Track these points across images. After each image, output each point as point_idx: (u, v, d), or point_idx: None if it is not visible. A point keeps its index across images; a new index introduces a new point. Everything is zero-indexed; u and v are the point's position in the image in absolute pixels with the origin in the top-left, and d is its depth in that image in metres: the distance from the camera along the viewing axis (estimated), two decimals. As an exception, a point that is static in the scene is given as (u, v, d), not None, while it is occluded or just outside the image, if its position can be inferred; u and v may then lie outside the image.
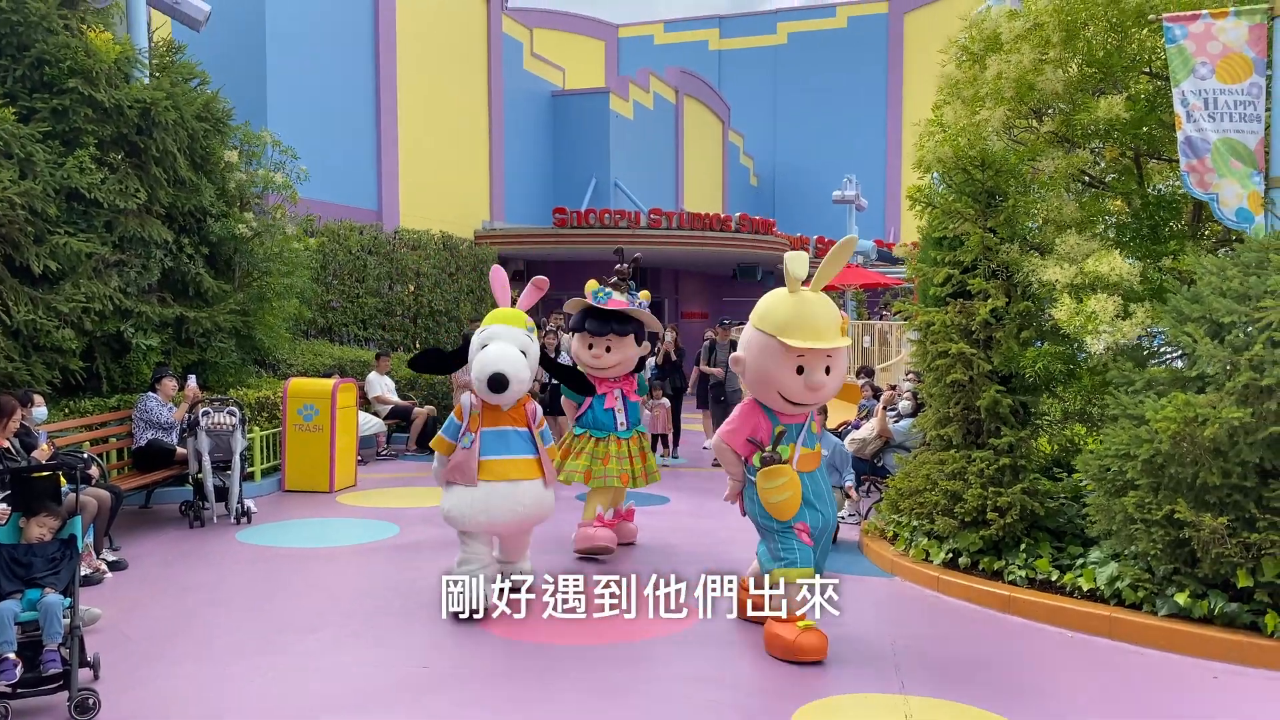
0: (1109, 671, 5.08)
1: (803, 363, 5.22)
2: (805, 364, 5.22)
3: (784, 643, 5.11)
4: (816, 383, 5.24)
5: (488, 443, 5.93)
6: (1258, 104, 6.43)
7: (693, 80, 35.36)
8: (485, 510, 5.88)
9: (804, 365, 5.22)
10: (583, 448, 7.56)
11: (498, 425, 5.99)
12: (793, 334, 5.18)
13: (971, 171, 7.16)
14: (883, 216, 39.35)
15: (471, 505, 5.90)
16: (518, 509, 5.98)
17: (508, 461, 5.97)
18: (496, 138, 25.10)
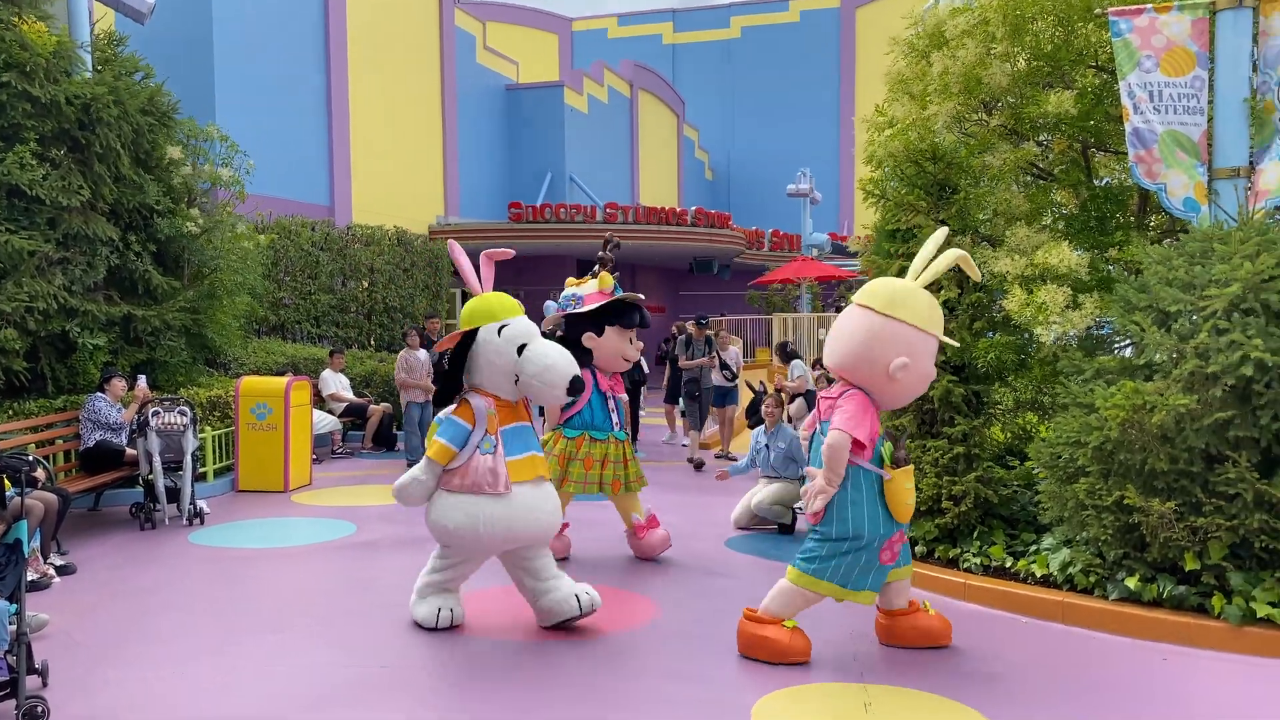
0: (1062, 656, 5.17)
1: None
2: None
3: (774, 646, 4.95)
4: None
5: (508, 443, 5.34)
6: (1200, 97, 6.56)
7: (647, 74, 35.36)
8: (507, 523, 5.19)
9: None
10: (587, 452, 7.06)
11: (514, 422, 5.44)
12: (939, 323, 4.98)
13: (923, 164, 7.23)
14: (836, 210, 39.65)
15: (491, 519, 5.17)
16: (542, 517, 5.33)
17: (526, 460, 5.37)
18: (450, 132, 24.90)
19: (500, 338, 5.33)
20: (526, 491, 5.27)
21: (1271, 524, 5.05)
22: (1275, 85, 6.44)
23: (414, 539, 7.88)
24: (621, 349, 7.23)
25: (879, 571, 4.98)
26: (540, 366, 5.24)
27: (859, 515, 4.87)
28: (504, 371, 5.30)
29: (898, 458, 4.97)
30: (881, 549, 4.93)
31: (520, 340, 5.31)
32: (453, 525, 5.23)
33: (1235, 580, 5.17)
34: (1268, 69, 6.47)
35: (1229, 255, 5.50)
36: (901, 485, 4.88)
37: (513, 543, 5.30)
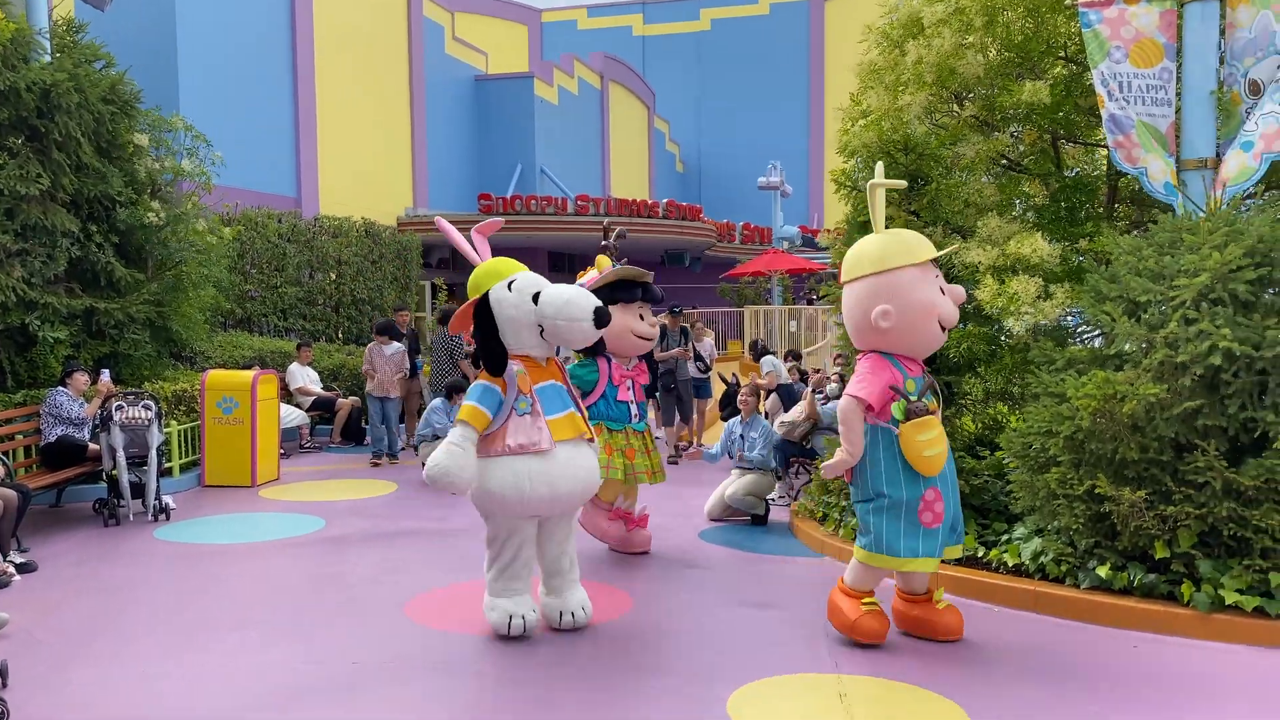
0: (1034, 644, 5.19)
1: (940, 282, 4.98)
2: (940, 281, 4.99)
3: (844, 619, 5.03)
4: (958, 293, 5.01)
5: (545, 401, 5.15)
6: (1168, 88, 6.60)
7: (617, 66, 35.25)
8: (549, 480, 4.99)
9: (941, 283, 4.98)
10: (606, 441, 6.79)
11: (547, 380, 5.25)
12: (921, 251, 4.93)
13: (895, 155, 7.24)
14: (806, 203, 39.77)
15: (533, 476, 4.97)
16: (580, 474, 5.15)
17: (565, 419, 5.19)
18: (419, 123, 24.70)
19: (512, 291, 5.14)
20: (567, 449, 5.10)
21: (1239, 512, 5.10)
22: (1242, 77, 6.49)
23: (383, 534, 7.80)
24: (629, 325, 6.85)
25: (928, 536, 4.87)
26: (560, 303, 5.03)
27: (878, 475, 4.90)
28: (526, 325, 5.10)
29: (911, 409, 4.82)
30: (920, 509, 4.86)
31: (533, 289, 5.12)
32: (495, 486, 4.97)
33: (1204, 568, 5.22)
34: (1234, 61, 6.52)
35: (1198, 246, 5.54)
36: (912, 438, 4.79)
37: (556, 504, 5.10)
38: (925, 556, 4.89)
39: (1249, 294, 5.35)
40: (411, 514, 8.62)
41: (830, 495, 7.46)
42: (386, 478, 10.49)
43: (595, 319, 5.02)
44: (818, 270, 26.10)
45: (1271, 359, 5.14)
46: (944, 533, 4.95)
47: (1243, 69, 6.46)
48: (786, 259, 25.78)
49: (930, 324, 4.92)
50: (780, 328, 19.89)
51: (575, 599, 5.39)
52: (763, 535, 7.81)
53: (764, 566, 6.84)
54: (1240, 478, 5.10)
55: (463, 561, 6.89)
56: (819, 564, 6.94)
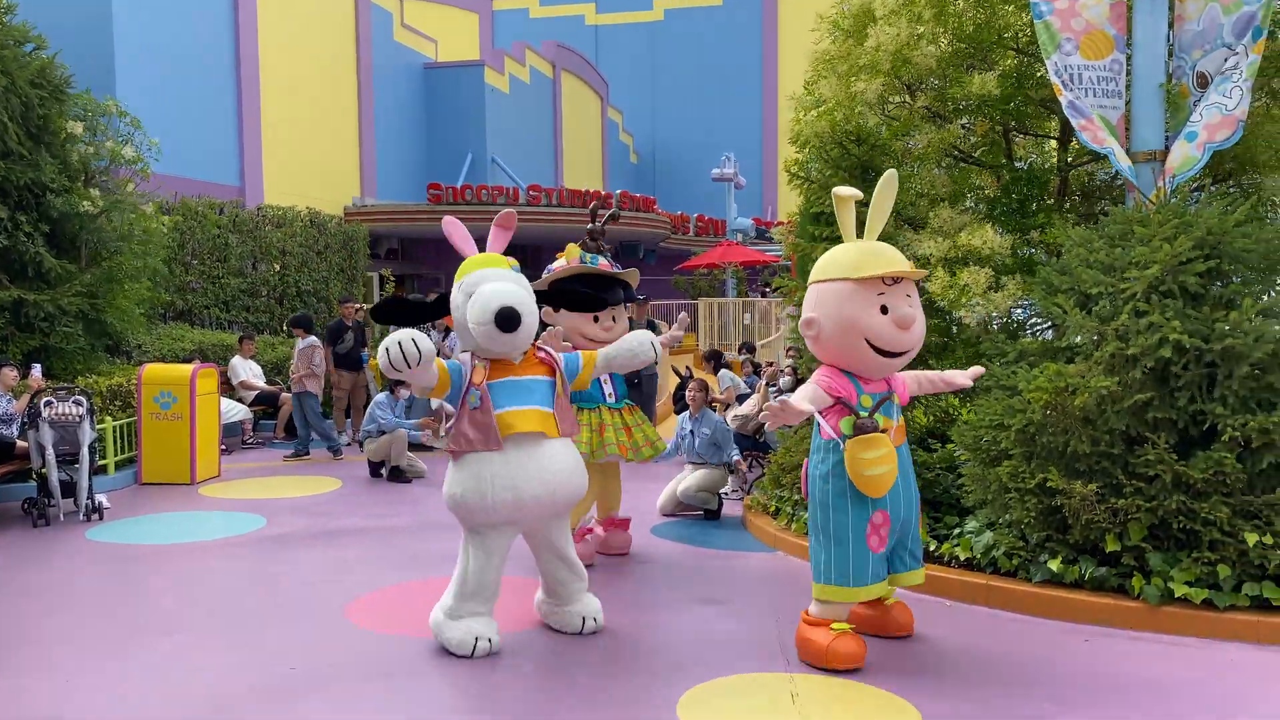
0: (986, 639, 5.15)
1: (885, 299, 4.59)
2: (888, 300, 4.59)
3: (816, 649, 4.67)
4: (905, 316, 4.57)
5: (500, 395, 4.77)
6: (1119, 80, 6.59)
7: (570, 55, 34.99)
8: (510, 481, 4.62)
9: (887, 302, 4.59)
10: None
11: (507, 376, 4.84)
12: (867, 266, 4.60)
13: (847, 146, 7.18)
14: (760, 195, 39.84)
15: (493, 480, 4.62)
16: (548, 477, 4.70)
17: (528, 413, 4.75)
18: (366, 111, 24.28)
19: (459, 289, 4.82)
20: (527, 446, 4.68)
21: (1189, 505, 5.09)
22: (1190, 70, 6.50)
23: (327, 532, 7.60)
24: (579, 328, 6.40)
25: (877, 561, 4.69)
26: (469, 305, 4.67)
27: (826, 497, 4.71)
28: (465, 327, 4.77)
29: (859, 424, 4.60)
30: (867, 534, 4.66)
31: (473, 288, 4.73)
32: (460, 490, 4.68)
33: (1154, 561, 5.21)
34: (1183, 53, 6.53)
35: (1148, 238, 5.53)
36: (856, 455, 4.54)
37: (522, 509, 4.69)
38: (874, 583, 4.73)
39: (1198, 286, 5.35)
40: (355, 511, 8.41)
41: (783, 489, 7.40)
42: (331, 474, 10.26)
43: (497, 322, 4.57)
44: (772, 262, 26.12)
45: (1220, 352, 5.14)
46: (888, 559, 4.82)
47: (1191, 61, 6.48)
48: (741, 251, 25.76)
49: (855, 342, 4.62)
50: (734, 320, 19.85)
51: (589, 605, 5.15)
52: (715, 530, 7.73)
53: (716, 562, 6.75)
54: (1189, 470, 5.10)
55: (407, 560, 6.72)
56: (772, 559, 6.87)
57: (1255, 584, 5.01)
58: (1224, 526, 5.04)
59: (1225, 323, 5.17)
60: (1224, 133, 6.20)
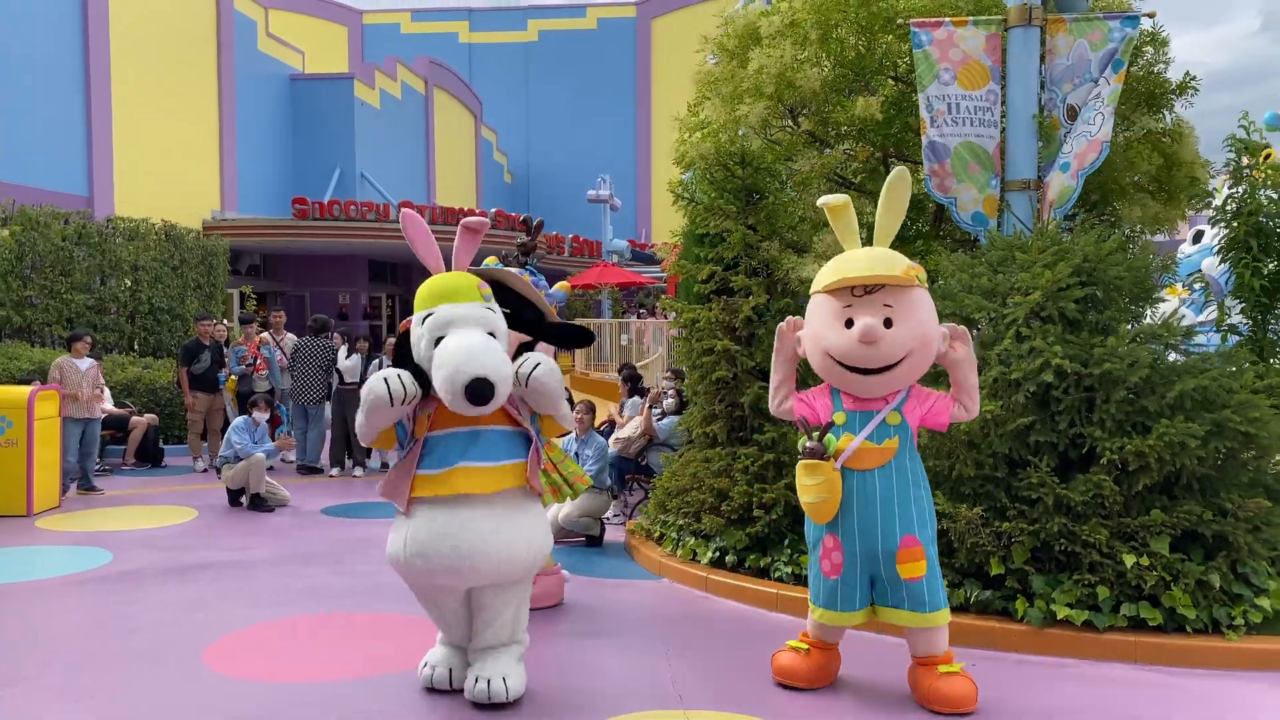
0: (875, 666, 5.10)
1: (851, 311, 4.26)
2: (855, 312, 4.25)
3: (774, 662, 4.73)
4: (869, 332, 4.16)
5: (438, 449, 4.25)
6: (994, 110, 6.78)
7: (443, 72, 34.46)
8: (420, 547, 4.16)
9: (854, 314, 4.25)
10: None
11: (454, 426, 4.27)
12: (827, 276, 4.36)
13: (732, 168, 7.13)
14: (635, 216, 40.04)
15: (405, 544, 4.22)
16: (461, 545, 4.13)
17: (457, 473, 4.20)
18: (228, 121, 23.24)
19: (422, 328, 4.20)
20: (440, 508, 4.18)
21: (1069, 527, 5.18)
22: (1061, 102, 6.73)
23: (181, 567, 7.04)
24: None
25: (828, 586, 4.47)
26: (437, 367, 4.07)
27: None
28: (425, 366, 4.22)
29: (805, 448, 4.35)
30: (820, 555, 4.51)
31: (439, 332, 4.14)
32: (389, 550, 4.34)
33: (1037, 583, 5.27)
34: (1054, 86, 6.76)
35: (1029, 264, 5.64)
36: (797, 478, 4.39)
37: (435, 577, 4.20)
38: (824, 608, 4.50)
39: (1076, 312, 5.48)
40: (211, 544, 7.85)
41: (667, 514, 7.25)
42: (186, 503, 9.59)
43: (468, 396, 3.98)
44: (647, 284, 26.19)
45: (1098, 376, 5.26)
46: (857, 588, 4.46)
47: (1062, 94, 6.70)
48: (616, 272, 25.74)
49: (818, 357, 4.40)
50: (611, 341, 19.74)
51: (493, 666, 4.43)
52: (599, 558, 7.52)
53: (601, 592, 6.53)
54: (1070, 493, 5.18)
55: (271, 598, 6.27)
56: (658, 586, 6.70)
57: (1133, 604, 5.12)
58: (1103, 548, 5.14)
59: (1102, 348, 5.30)
60: (1092, 155, 6.41)
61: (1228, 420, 5.15)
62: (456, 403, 4.02)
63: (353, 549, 7.63)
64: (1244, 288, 7.10)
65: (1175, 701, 4.56)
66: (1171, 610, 5.11)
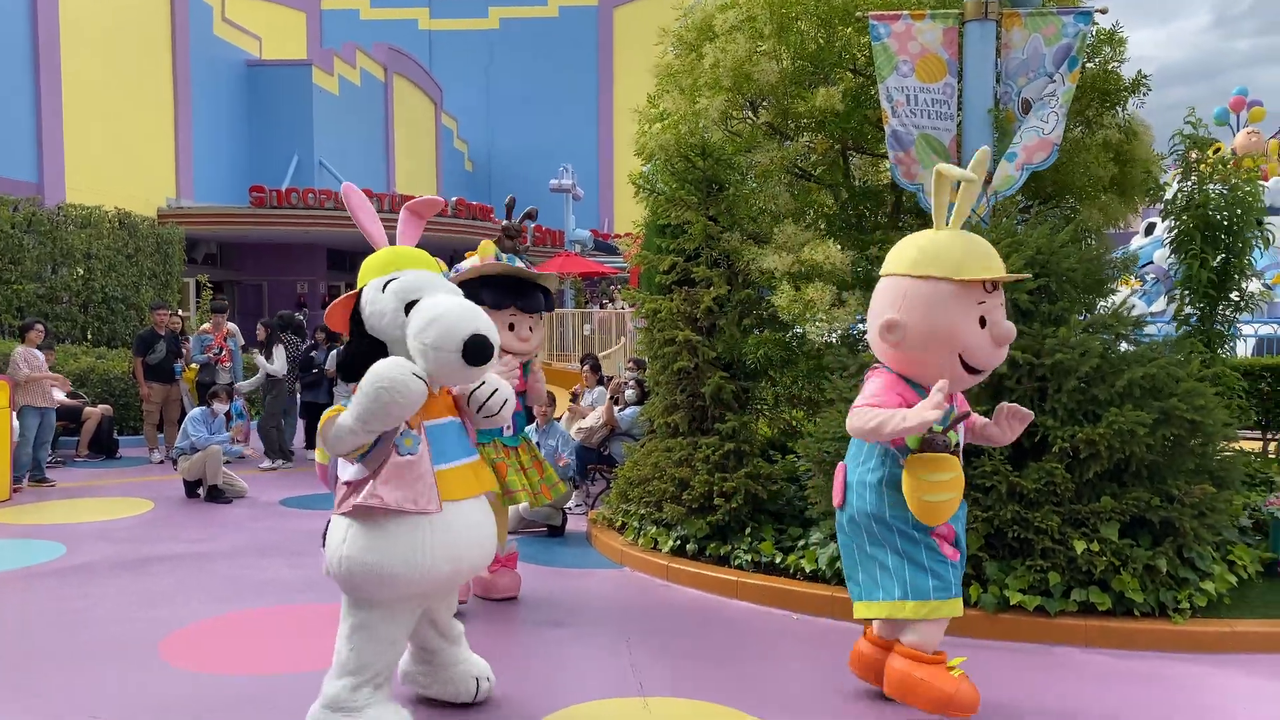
0: (833, 652, 5.17)
1: (984, 309, 3.90)
2: (987, 310, 3.91)
3: (938, 695, 3.95)
4: (1006, 332, 3.93)
5: (439, 444, 3.88)
6: (951, 103, 6.85)
7: (403, 59, 34.12)
8: (451, 554, 3.74)
9: (986, 313, 3.91)
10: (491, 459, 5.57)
11: (445, 415, 3.99)
12: (973, 266, 3.87)
13: (693, 159, 7.16)
14: (597, 206, 39.97)
15: (431, 550, 3.69)
16: (485, 542, 3.92)
17: (466, 470, 3.94)
18: (183, 107, 22.86)
19: (385, 294, 3.81)
20: (466, 510, 3.84)
21: (1022, 514, 5.28)
22: (1016, 96, 6.82)
23: (138, 560, 6.96)
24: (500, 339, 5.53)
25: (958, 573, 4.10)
26: (423, 322, 3.68)
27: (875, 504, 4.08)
28: (399, 340, 3.78)
29: (931, 440, 3.92)
30: (937, 546, 4.08)
31: (412, 295, 3.78)
32: (379, 559, 3.64)
33: (990, 569, 5.37)
34: (1009, 80, 6.84)
35: (983, 256, 5.71)
36: (917, 477, 3.89)
37: (456, 579, 3.88)
38: (956, 596, 4.08)
39: (1029, 304, 5.57)
40: (169, 536, 7.76)
41: (629, 503, 7.29)
42: (142, 495, 9.47)
43: (465, 353, 3.63)
44: (611, 274, 26.18)
45: (1050, 366, 5.36)
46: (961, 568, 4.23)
47: (1017, 88, 6.79)
48: (579, 262, 25.68)
49: (948, 357, 3.94)
50: (574, 330, 19.73)
51: (478, 664, 4.38)
52: (560, 547, 7.54)
53: (563, 581, 6.56)
54: (1023, 481, 5.28)
55: (229, 590, 6.23)
56: (619, 575, 6.74)
57: (1083, 589, 5.23)
58: (1054, 535, 5.24)
59: (1054, 339, 5.40)
60: (1040, 155, 6.51)
61: (1175, 408, 5.27)
62: (446, 360, 3.66)
63: (312, 540, 7.58)
64: (1192, 279, 7.27)
65: (1123, 684, 4.68)
66: (1120, 594, 5.24)
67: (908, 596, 4.06)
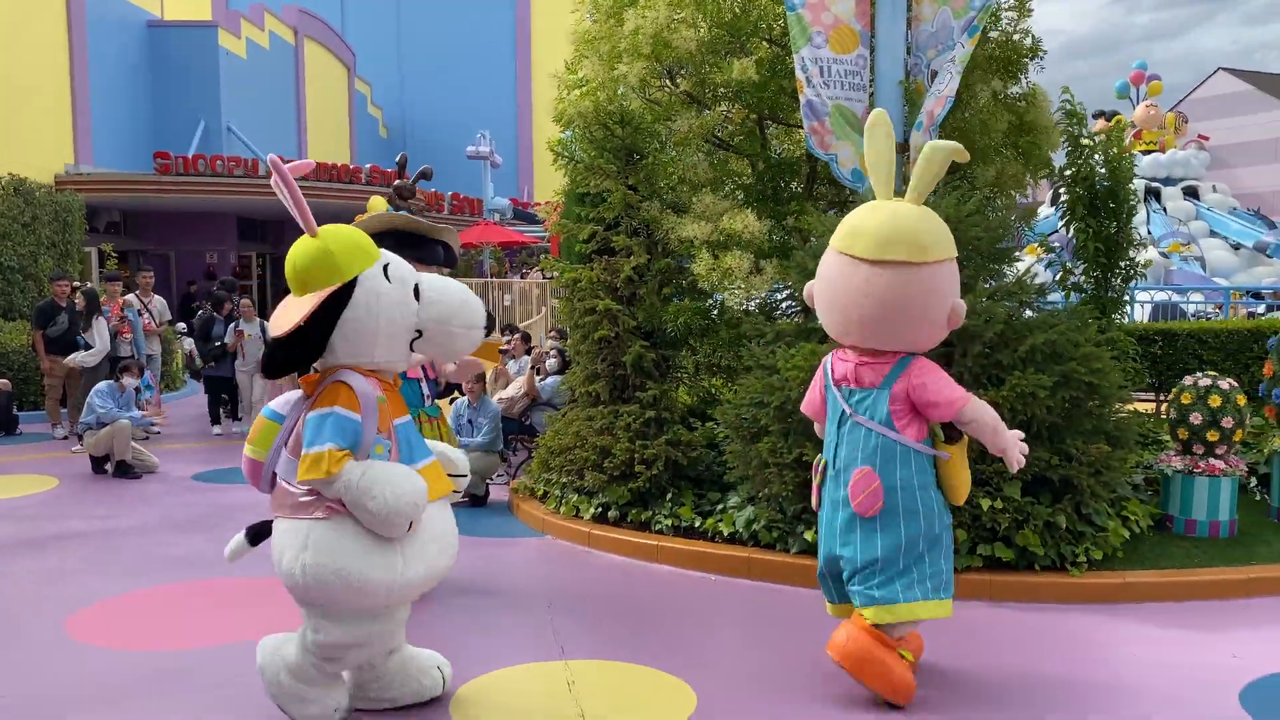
0: (750, 611, 5.32)
1: None
2: None
3: (889, 680, 4.00)
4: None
5: (408, 445, 3.74)
6: (863, 75, 6.96)
7: (314, 22, 33.13)
8: (425, 559, 3.62)
9: None
10: None
11: (403, 414, 3.81)
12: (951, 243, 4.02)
13: (611, 128, 7.16)
14: (516, 174, 39.54)
15: (406, 557, 3.55)
16: (452, 549, 3.82)
17: (432, 469, 3.78)
18: (80, 70, 21.89)
19: (392, 281, 3.60)
20: (435, 512, 3.71)
21: (931, 474, 5.45)
22: (926, 68, 6.96)
23: (42, 537, 6.76)
24: None
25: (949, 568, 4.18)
26: (453, 305, 3.66)
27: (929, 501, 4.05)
28: (405, 327, 3.63)
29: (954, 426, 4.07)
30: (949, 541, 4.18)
31: (411, 279, 3.67)
32: (355, 569, 3.46)
33: (900, 528, 5.55)
34: (919, 52, 6.98)
35: (894, 225, 5.85)
36: (960, 462, 4.11)
37: (426, 586, 3.74)
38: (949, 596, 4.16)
39: (938, 271, 5.72)
40: (73, 513, 7.54)
41: (551, 472, 7.32)
42: (46, 472, 9.16)
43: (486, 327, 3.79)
44: (530, 243, 25.98)
45: (957, 333, 5.51)
46: None
47: (926, 60, 6.93)
48: (499, 231, 25.41)
49: (942, 328, 4.08)
50: (494, 301, 19.59)
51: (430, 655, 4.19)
52: (483, 516, 7.54)
53: (485, 550, 6.57)
54: (931, 442, 5.46)
55: (138, 565, 6.10)
56: (540, 543, 6.78)
57: (988, 546, 5.46)
58: (960, 494, 5.43)
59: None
60: (938, 110, 6.59)
61: (1074, 372, 5.49)
62: (474, 342, 3.73)
63: (226, 515, 7.45)
64: (1084, 249, 7.55)
65: (1026, 634, 4.90)
66: (1023, 549, 5.48)
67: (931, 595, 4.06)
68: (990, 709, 4.07)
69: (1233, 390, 6.29)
